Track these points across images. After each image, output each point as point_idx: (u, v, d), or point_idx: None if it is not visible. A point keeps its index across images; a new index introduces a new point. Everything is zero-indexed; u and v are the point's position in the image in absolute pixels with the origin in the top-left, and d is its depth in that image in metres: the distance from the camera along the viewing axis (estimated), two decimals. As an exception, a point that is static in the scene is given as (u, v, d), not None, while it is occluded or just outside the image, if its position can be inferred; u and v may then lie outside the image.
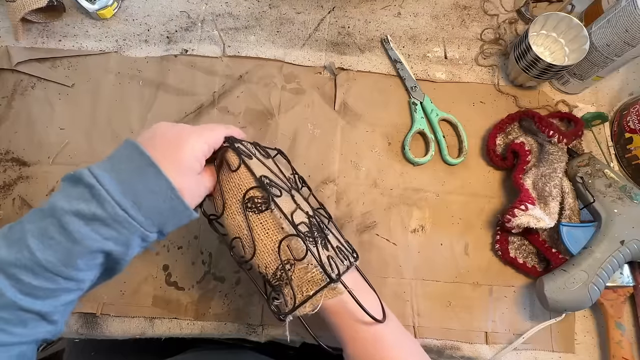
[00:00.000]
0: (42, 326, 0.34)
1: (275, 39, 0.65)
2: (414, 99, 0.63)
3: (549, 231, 0.56)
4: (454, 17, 0.68)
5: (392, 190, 0.60)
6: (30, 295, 0.32)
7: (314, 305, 0.38)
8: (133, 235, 0.33)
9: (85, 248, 0.32)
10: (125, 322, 0.55)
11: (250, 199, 0.39)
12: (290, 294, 0.38)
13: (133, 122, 0.61)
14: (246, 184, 0.39)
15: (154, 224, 0.34)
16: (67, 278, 0.33)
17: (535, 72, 0.59)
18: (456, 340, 0.56)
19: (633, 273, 0.55)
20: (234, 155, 0.39)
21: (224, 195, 0.40)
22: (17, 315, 0.32)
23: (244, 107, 0.62)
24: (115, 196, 0.32)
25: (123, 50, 0.63)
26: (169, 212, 0.34)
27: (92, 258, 0.33)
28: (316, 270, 0.38)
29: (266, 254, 0.39)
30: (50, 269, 0.32)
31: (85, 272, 0.33)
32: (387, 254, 0.58)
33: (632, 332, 0.56)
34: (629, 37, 0.53)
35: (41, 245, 0.31)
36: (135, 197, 0.33)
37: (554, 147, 0.57)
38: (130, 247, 0.34)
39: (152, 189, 0.33)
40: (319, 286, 0.38)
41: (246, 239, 0.39)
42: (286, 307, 0.38)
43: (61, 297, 0.33)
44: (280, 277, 0.39)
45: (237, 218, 0.39)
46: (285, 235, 0.39)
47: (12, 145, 0.59)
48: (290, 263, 0.39)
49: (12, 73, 0.62)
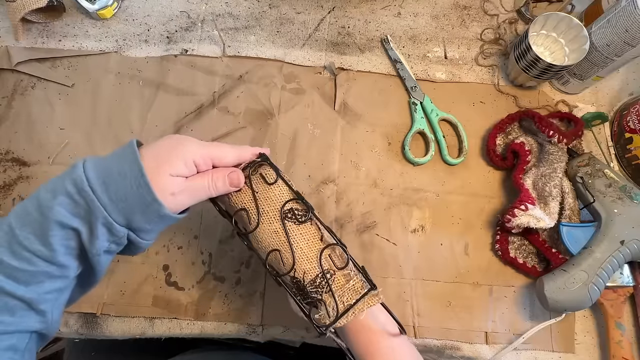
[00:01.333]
0: (30, 316, 0.34)
1: (275, 39, 0.65)
2: (414, 99, 0.63)
3: (549, 231, 0.56)
4: (454, 17, 0.68)
5: (392, 190, 0.60)
6: (12, 278, 0.32)
7: (356, 313, 0.38)
8: (97, 218, 0.33)
9: (53, 221, 0.32)
10: (125, 322, 0.55)
11: (290, 210, 0.40)
12: (332, 304, 0.38)
13: (133, 122, 0.61)
14: (285, 196, 0.40)
15: (119, 211, 0.34)
16: (45, 260, 0.33)
17: (535, 72, 0.59)
18: (456, 340, 0.56)
19: (633, 273, 0.55)
20: (270, 170, 0.40)
21: (259, 207, 0.40)
22: (4, 301, 0.32)
23: (244, 107, 0.62)
24: (88, 173, 0.33)
25: (123, 50, 0.63)
26: (135, 199, 0.34)
27: (64, 237, 0.33)
28: (357, 278, 0.39)
29: (306, 262, 0.39)
30: (27, 246, 0.32)
31: (64, 255, 0.33)
32: (387, 254, 0.58)
33: (632, 332, 0.56)
34: (629, 37, 0.53)
35: (19, 222, 0.32)
36: (106, 176, 0.33)
37: (554, 147, 0.57)
38: (95, 235, 0.33)
39: (124, 172, 0.33)
40: (360, 294, 0.38)
41: (285, 250, 0.39)
42: (328, 318, 0.38)
43: (45, 283, 0.33)
44: (319, 284, 0.38)
45: (276, 228, 0.39)
46: (327, 244, 0.40)
47: (12, 145, 0.59)
48: (330, 272, 0.39)
49: (12, 73, 0.62)
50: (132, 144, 0.35)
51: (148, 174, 0.34)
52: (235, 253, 0.57)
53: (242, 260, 0.57)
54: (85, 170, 0.33)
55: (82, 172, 0.33)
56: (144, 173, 0.33)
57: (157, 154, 0.35)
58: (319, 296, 0.38)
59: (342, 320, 0.38)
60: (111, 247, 0.35)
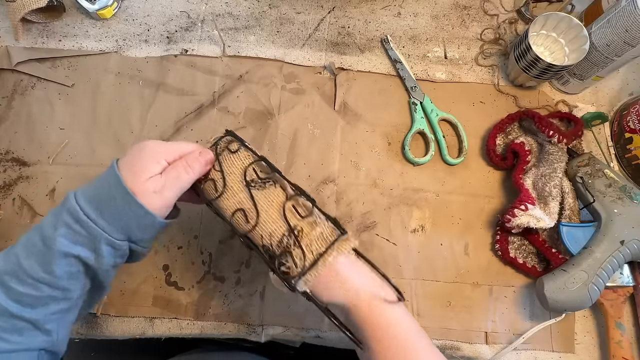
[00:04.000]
0: (37, 335, 0.36)
1: (275, 39, 0.65)
2: (414, 99, 0.63)
3: (549, 231, 0.56)
4: (454, 17, 0.68)
5: (392, 190, 0.60)
6: (19, 302, 0.35)
7: (329, 261, 0.36)
8: (99, 241, 0.36)
9: (56, 252, 0.35)
10: (125, 322, 0.55)
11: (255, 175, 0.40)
12: (299, 255, 0.37)
13: (133, 122, 0.61)
14: (247, 161, 0.41)
15: (118, 230, 0.36)
16: (49, 285, 0.35)
17: (535, 72, 0.59)
18: (456, 340, 0.56)
19: (633, 273, 0.55)
20: (234, 141, 0.42)
21: (225, 177, 0.40)
22: (12, 323, 0.35)
23: (244, 107, 0.62)
24: (80, 203, 0.36)
25: (123, 50, 0.63)
26: (129, 216, 0.36)
27: (67, 264, 0.35)
28: (325, 225, 0.38)
29: (271, 223, 0.38)
30: (32, 274, 0.35)
31: (67, 280, 0.36)
32: (387, 254, 0.58)
33: (632, 332, 0.56)
34: (629, 37, 0.53)
35: (25, 252, 0.35)
36: (98, 202, 0.36)
37: (554, 147, 0.57)
38: (101, 255, 0.36)
39: (112, 195, 0.36)
40: (329, 242, 0.37)
41: (249, 210, 0.39)
42: (296, 269, 0.36)
43: (50, 305, 0.36)
44: (286, 244, 0.37)
45: (239, 195, 0.40)
46: (288, 196, 0.39)
47: (12, 145, 0.59)
48: (297, 229, 0.38)
49: (12, 73, 0.62)
50: (113, 167, 0.37)
51: (130, 185, 0.36)
52: (235, 253, 0.57)
53: (242, 260, 0.57)
54: (77, 201, 0.36)
55: (75, 202, 0.36)
56: (130, 192, 0.36)
57: (131, 164, 0.38)
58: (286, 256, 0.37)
59: (313, 272, 0.36)
60: (117, 261, 0.39)
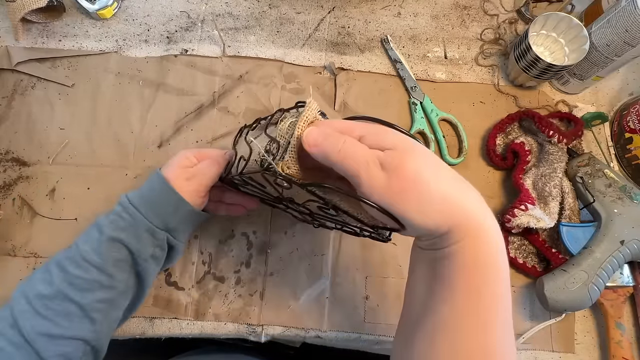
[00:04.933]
0: (84, 323, 0.41)
1: (275, 39, 0.65)
2: (414, 99, 0.63)
3: (549, 231, 0.56)
4: (454, 17, 0.68)
5: (392, 190, 0.60)
6: (72, 284, 0.40)
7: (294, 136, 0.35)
8: (140, 227, 0.44)
9: (105, 236, 0.42)
10: (125, 322, 0.55)
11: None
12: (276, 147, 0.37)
13: (133, 122, 0.61)
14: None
15: (156, 216, 0.44)
16: (98, 268, 0.41)
17: (535, 72, 0.59)
18: (456, 340, 0.56)
19: (633, 273, 0.55)
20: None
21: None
22: (64, 306, 0.40)
23: (244, 107, 0.62)
24: (129, 196, 0.45)
25: (123, 50, 0.63)
26: (164, 200, 0.45)
27: (115, 249, 0.42)
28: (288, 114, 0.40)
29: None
30: (85, 257, 0.41)
31: (113, 266, 0.42)
32: (387, 253, 0.58)
33: (632, 332, 0.56)
34: (629, 37, 0.53)
35: (83, 239, 0.43)
36: (142, 196, 0.45)
37: (554, 147, 0.57)
38: (142, 241, 0.44)
39: (153, 187, 0.46)
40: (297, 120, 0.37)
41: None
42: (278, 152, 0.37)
43: (97, 292, 0.41)
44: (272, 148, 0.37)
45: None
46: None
47: (12, 145, 0.59)
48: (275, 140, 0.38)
49: (12, 73, 0.62)
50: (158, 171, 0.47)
51: (165, 174, 0.46)
52: (235, 253, 0.57)
53: (242, 260, 0.57)
54: (127, 196, 0.45)
55: (126, 197, 0.45)
56: (165, 180, 0.45)
57: (167, 164, 0.47)
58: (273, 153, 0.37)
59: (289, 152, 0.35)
60: (155, 252, 0.45)
